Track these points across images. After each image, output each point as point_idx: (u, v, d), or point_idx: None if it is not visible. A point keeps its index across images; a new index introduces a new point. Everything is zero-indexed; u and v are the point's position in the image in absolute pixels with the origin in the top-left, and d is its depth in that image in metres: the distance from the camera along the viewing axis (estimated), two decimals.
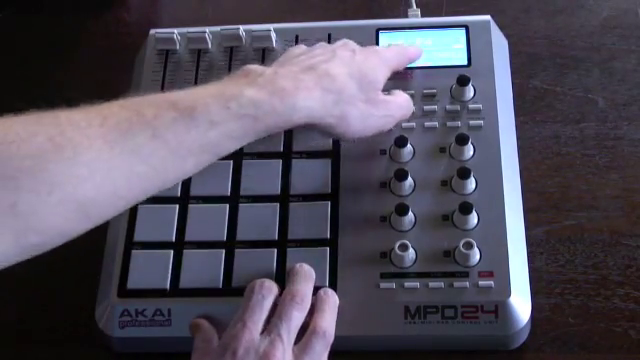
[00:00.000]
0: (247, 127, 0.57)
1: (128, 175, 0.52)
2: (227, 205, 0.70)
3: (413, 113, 0.72)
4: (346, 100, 0.62)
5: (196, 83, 0.76)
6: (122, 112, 0.53)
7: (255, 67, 0.61)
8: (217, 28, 0.79)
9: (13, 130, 0.49)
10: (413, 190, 0.68)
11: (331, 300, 0.64)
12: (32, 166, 0.48)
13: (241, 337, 0.59)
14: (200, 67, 0.78)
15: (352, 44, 0.69)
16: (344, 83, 0.63)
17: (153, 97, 0.56)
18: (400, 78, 0.73)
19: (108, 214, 0.53)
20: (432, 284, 0.64)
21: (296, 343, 0.61)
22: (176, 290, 0.67)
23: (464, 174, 0.67)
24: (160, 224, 0.69)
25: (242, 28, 0.78)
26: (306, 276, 0.64)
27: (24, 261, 0.54)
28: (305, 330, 0.61)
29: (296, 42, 0.78)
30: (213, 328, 0.63)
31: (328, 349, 0.61)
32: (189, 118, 0.54)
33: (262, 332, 0.60)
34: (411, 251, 0.65)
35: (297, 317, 0.61)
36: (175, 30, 0.79)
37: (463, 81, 0.72)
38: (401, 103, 0.69)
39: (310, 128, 0.62)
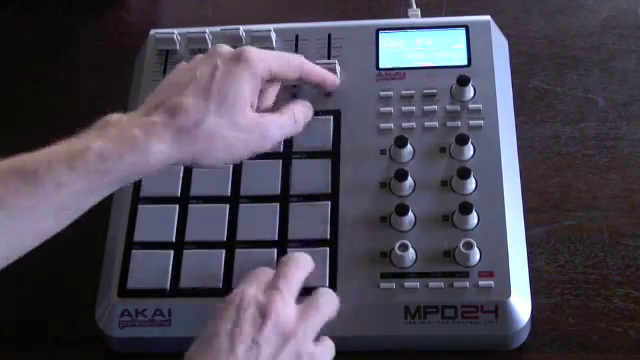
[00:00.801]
0: (98, 182, 0.56)
1: None
2: (227, 205, 0.70)
3: (413, 113, 0.72)
4: (205, 131, 0.59)
5: None
6: None
7: (114, 116, 0.59)
8: (217, 28, 0.79)
9: None
10: (413, 190, 0.68)
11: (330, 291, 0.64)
12: None
13: (243, 291, 0.59)
14: None
15: (220, 53, 0.65)
16: (199, 115, 0.59)
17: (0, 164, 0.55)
18: (394, 78, 0.73)
19: None
20: (432, 284, 0.64)
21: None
22: (176, 290, 0.67)
23: (464, 174, 0.67)
24: (160, 224, 0.69)
25: (242, 28, 0.78)
26: (303, 254, 0.64)
27: (24, 261, 0.54)
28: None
29: (296, 42, 0.78)
30: None
31: (332, 313, 0.61)
32: (34, 183, 0.54)
33: None
34: (411, 251, 0.65)
35: (295, 275, 0.61)
36: (175, 30, 0.79)
37: (463, 81, 0.72)
38: (282, 122, 0.65)
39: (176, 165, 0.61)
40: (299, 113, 0.68)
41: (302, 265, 0.63)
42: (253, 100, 0.63)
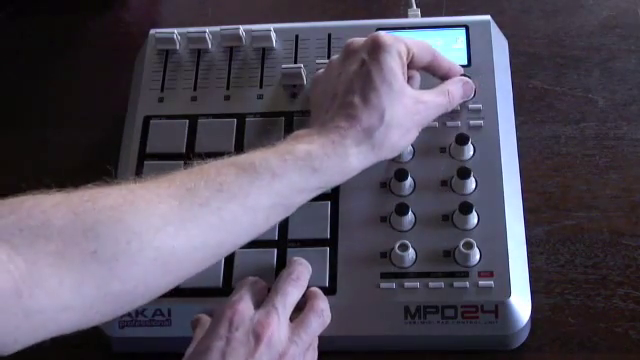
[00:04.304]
0: (309, 178, 0.60)
1: (200, 227, 0.55)
2: None
3: None
4: (387, 124, 0.63)
5: (196, 83, 0.76)
6: (187, 174, 0.57)
7: (301, 131, 0.64)
8: (217, 28, 0.79)
9: (88, 192, 0.53)
10: (413, 190, 0.68)
11: (322, 295, 0.64)
12: (109, 217, 0.51)
13: (237, 306, 0.59)
14: (200, 67, 0.78)
15: (356, 47, 0.67)
16: (377, 111, 0.63)
17: (213, 162, 0.59)
18: None
19: (186, 268, 0.56)
20: (432, 284, 0.64)
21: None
22: (176, 290, 0.66)
23: (464, 174, 0.67)
24: None
25: (242, 28, 0.78)
26: (303, 262, 0.65)
27: None
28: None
29: (296, 42, 0.78)
30: None
31: (321, 330, 0.62)
32: (251, 171, 0.57)
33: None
34: (411, 251, 0.65)
35: (293, 293, 0.62)
36: (175, 30, 0.79)
37: None
38: (438, 102, 0.68)
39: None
40: (454, 92, 0.69)
41: (300, 283, 0.63)
42: (405, 77, 0.65)
